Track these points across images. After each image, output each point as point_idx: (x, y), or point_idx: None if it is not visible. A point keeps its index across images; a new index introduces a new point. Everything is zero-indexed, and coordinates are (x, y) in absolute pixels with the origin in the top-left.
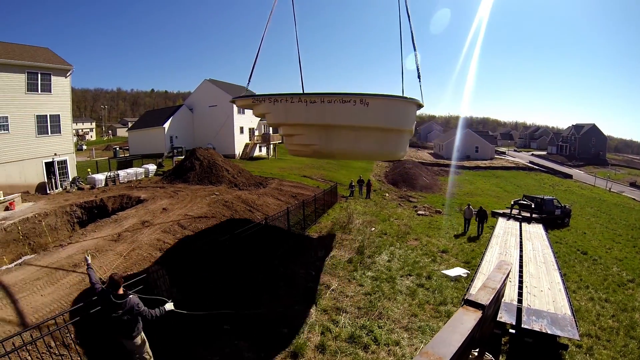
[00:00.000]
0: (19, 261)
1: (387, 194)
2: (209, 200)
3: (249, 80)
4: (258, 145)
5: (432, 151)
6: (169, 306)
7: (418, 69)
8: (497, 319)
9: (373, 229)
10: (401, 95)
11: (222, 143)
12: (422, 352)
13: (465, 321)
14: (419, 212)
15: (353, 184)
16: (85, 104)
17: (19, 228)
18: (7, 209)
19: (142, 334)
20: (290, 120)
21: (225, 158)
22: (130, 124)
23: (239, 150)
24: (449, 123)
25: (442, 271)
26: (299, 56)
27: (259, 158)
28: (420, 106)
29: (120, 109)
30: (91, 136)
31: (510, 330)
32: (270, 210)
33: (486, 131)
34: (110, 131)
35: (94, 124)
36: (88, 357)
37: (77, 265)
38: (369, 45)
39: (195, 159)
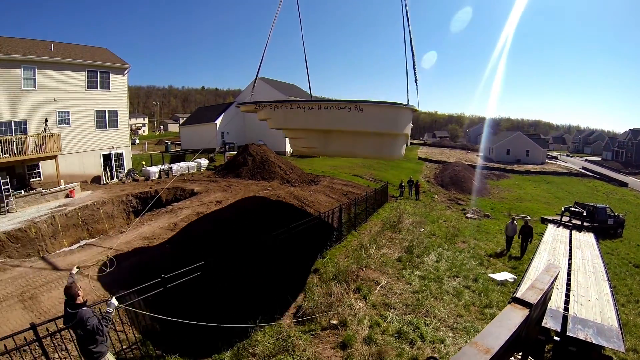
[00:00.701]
0: (80, 244)
1: (436, 196)
2: (261, 195)
3: (254, 83)
4: None
5: (482, 154)
6: (113, 303)
7: (415, 74)
8: (543, 325)
9: (422, 229)
10: (394, 101)
11: (273, 140)
12: (471, 343)
13: (513, 317)
14: (468, 215)
15: (403, 184)
16: (138, 100)
17: (79, 214)
18: (67, 196)
19: (109, 355)
20: (289, 125)
21: (277, 155)
22: (181, 120)
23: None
24: (499, 125)
25: (489, 274)
26: (306, 62)
27: (309, 156)
28: (415, 111)
29: (172, 105)
30: (143, 131)
31: (555, 338)
32: (322, 207)
33: (538, 134)
34: (162, 126)
35: (146, 119)
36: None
37: (137, 251)
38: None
39: (248, 154)
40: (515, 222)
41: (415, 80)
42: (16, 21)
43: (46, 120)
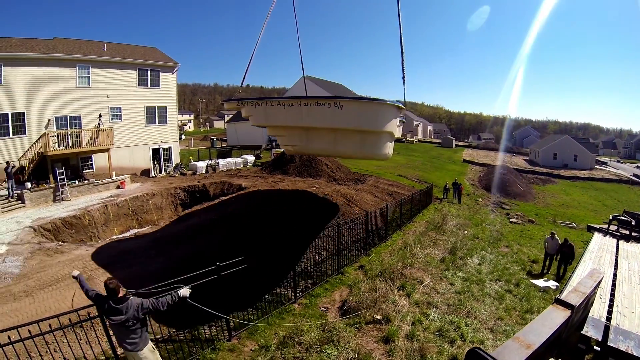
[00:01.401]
0: (131, 232)
1: (480, 199)
2: None
3: (243, 80)
4: None
5: (528, 157)
6: (184, 292)
7: (403, 71)
8: (583, 332)
9: (466, 232)
10: (375, 97)
11: None
12: (514, 338)
13: (554, 317)
14: (512, 219)
15: (448, 186)
16: (184, 98)
17: (129, 204)
18: (118, 187)
19: (150, 343)
20: (270, 122)
21: None
22: (226, 117)
23: None
24: (546, 128)
25: (531, 280)
26: (301, 59)
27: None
28: (400, 108)
29: (217, 102)
30: (189, 127)
31: (595, 348)
32: (368, 205)
33: (587, 138)
34: (207, 123)
35: (192, 115)
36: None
37: (190, 239)
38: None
39: None
40: (556, 236)
41: (403, 77)
42: (74, 23)
43: (100, 116)
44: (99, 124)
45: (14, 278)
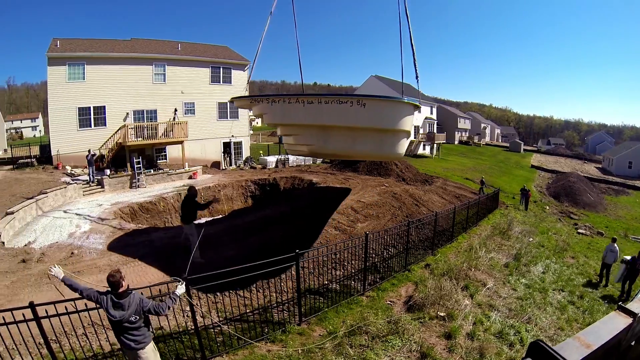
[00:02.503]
0: (201, 221)
1: (547, 207)
2: (378, 190)
3: (249, 78)
4: (422, 143)
5: (600, 165)
6: (180, 290)
7: (416, 70)
8: None
9: (531, 239)
10: (394, 96)
11: None
12: (574, 337)
13: (615, 323)
14: (579, 230)
15: (525, 189)
16: (252, 94)
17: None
18: (190, 177)
19: (152, 343)
20: (287, 121)
21: None
22: None
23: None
24: (621, 134)
25: (597, 294)
26: (299, 57)
27: (422, 156)
28: (417, 107)
29: None
30: (257, 122)
31: None
32: (435, 207)
33: None
34: None
35: None
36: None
37: (261, 230)
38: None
39: None
40: (616, 245)
41: (417, 77)
42: (150, 23)
43: (175, 110)
44: (174, 117)
45: (98, 253)
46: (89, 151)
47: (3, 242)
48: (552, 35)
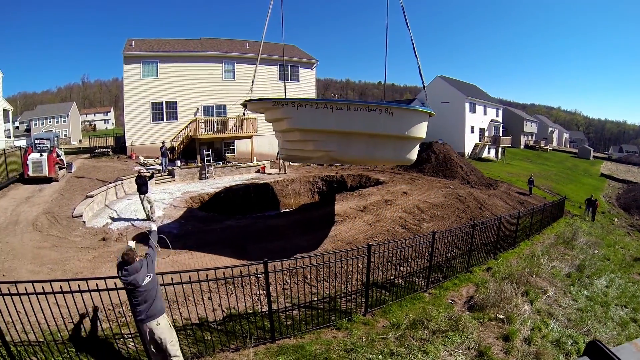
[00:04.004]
0: (268, 213)
1: (615, 219)
2: (444, 192)
3: (253, 83)
4: (487, 146)
5: None
6: (154, 227)
7: (422, 78)
8: None
9: (596, 251)
10: (413, 106)
11: (453, 140)
12: (632, 342)
13: None
14: None
15: (593, 199)
16: (316, 92)
17: (270, 188)
18: (258, 171)
19: (167, 319)
20: (313, 126)
21: (458, 155)
22: None
23: (468, 149)
24: None
25: None
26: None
27: (487, 160)
28: (431, 115)
29: (349, 98)
30: None
31: None
32: (499, 211)
33: None
34: None
35: None
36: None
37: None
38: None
39: (432, 152)
40: None
41: (424, 87)
42: (218, 23)
43: (245, 106)
44: (243, 113)
45: (173, 237)
46: (163, 143)
47: (84, 222)
48: (626, 33)
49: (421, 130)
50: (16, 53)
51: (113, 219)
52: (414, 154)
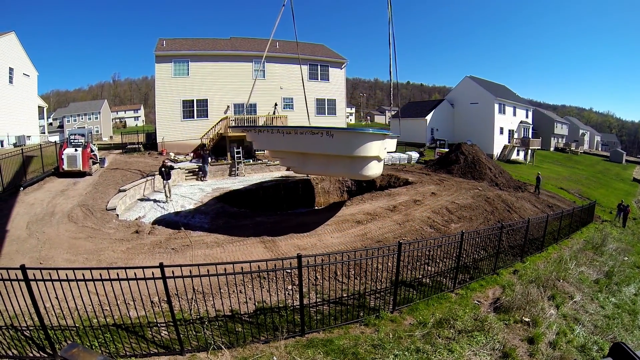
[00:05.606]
0: (300, 210)
1: None
2: (472, 194)
3: (249, 99)
4: (516, 148)
5: None
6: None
7: (397, 98)
8: None
9: (626, 258)
10: (361, 128)
11: (481, 141)
12: None
13: None
14: None
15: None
16: (345, 91)
17: (300, 186)
18: (287, 169)
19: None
20: (271, 147)
21: (487, 156)
22: (388, 113)
23: (497, 150)
24: None
25: None
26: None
27: (515, 162)
28: (385, 136)
29: (377, 97)
30: (351, 120)
31: None
32: (527, 214)
33: None
34: (368, 117)
35: (353, 109)
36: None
37: (360, 222)
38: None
39: (461, 153)
40: None
41: (397, 105)
42: (247, 22)
43: (275, 105)
44: (274, 111)
45: (204, 231)
46: (204, 146)
47: (117, 215)
48: None
49: (367, 149)
50: (50, 52)
51: (145, 213)
52: (371, 170)
